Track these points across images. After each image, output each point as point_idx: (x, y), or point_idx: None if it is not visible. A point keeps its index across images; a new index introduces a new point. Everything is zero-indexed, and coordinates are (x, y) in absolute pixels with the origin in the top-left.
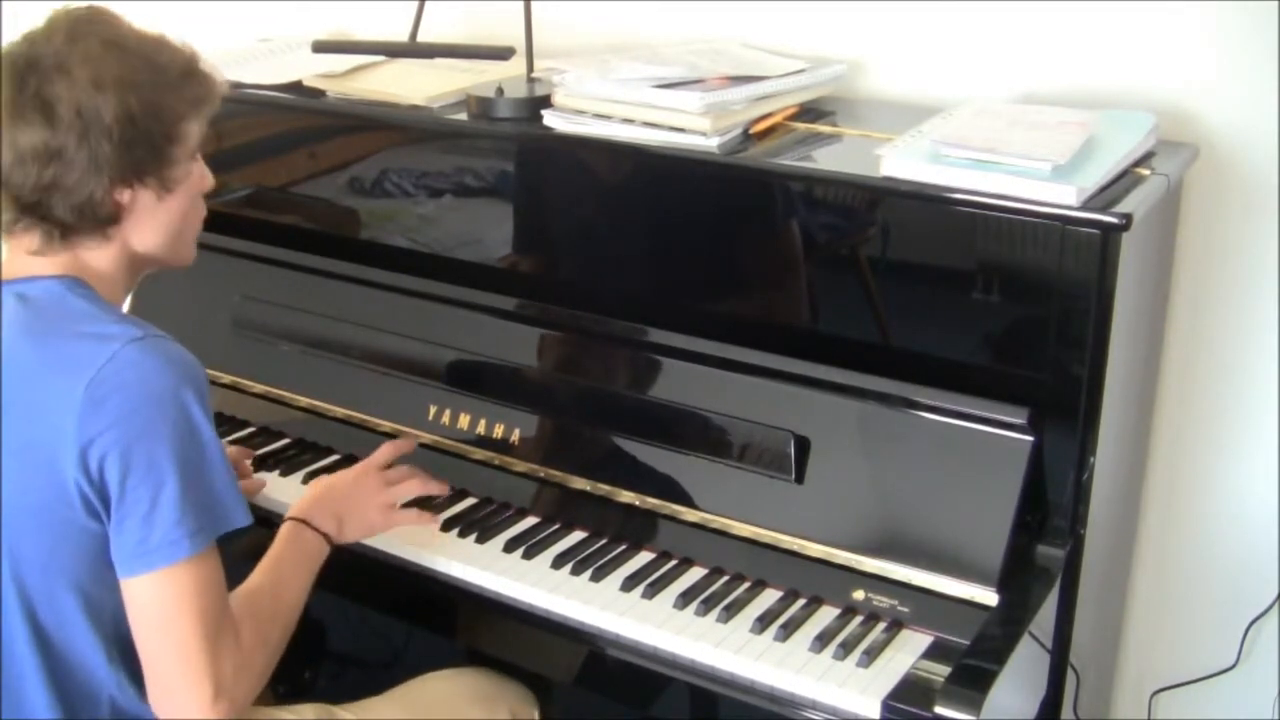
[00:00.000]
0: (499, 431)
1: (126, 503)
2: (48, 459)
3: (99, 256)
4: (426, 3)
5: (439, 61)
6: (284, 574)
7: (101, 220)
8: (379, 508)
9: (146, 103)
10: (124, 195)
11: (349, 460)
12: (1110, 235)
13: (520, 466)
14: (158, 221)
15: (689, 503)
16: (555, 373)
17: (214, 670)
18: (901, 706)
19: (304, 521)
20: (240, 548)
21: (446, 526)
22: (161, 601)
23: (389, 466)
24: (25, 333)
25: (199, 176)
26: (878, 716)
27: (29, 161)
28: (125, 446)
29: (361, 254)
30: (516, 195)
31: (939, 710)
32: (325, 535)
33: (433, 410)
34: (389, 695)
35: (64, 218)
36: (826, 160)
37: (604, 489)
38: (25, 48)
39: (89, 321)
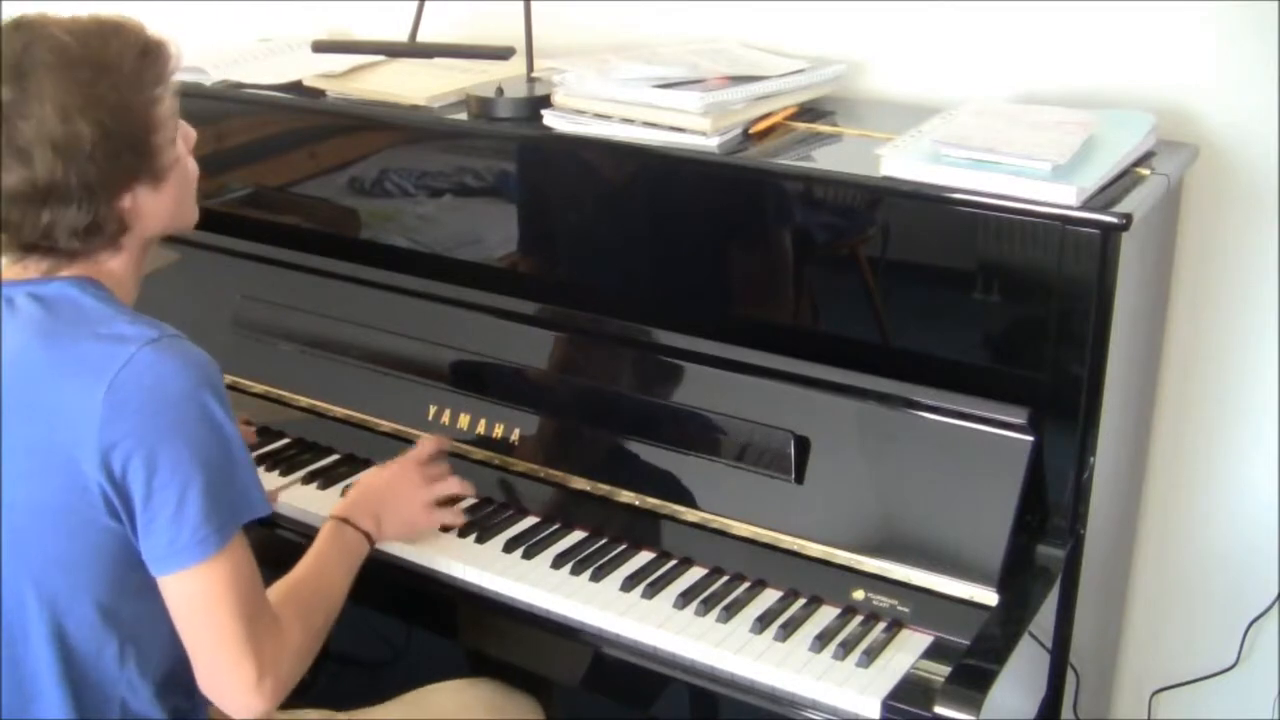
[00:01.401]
0: (499, 431)
1: (154, 504)
2: (67, 461)
3: (111, 260)
4: (426, 3)
5: (439, 61)
6: (326, 567)
7: (109, 235)
8: (420, 506)
9: (116, 111)
10: (125, 202)
11: (349, 460)
12: (1110, 235)
13: (520, 466)
14: (160, 207)
15: (689, 503)
16: (555, 373)
17: (255, 652)
18: (901, 706)
19: (345, 520)
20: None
21: (446, 526)
22: (198, 595)
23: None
24: (40, 334)
25: (182, 139)
26: (878, 716)
27: (19, 202)
28: (149, 449)
29: (361, 254)
30: (516, 195)
31: (939, 710)
32: (366, 534)
33: (433, 410)
34: (394, 703)
35: (70, 245)
36: (826, 160)
37: (604, 489)
38: None
39: (104, 323)
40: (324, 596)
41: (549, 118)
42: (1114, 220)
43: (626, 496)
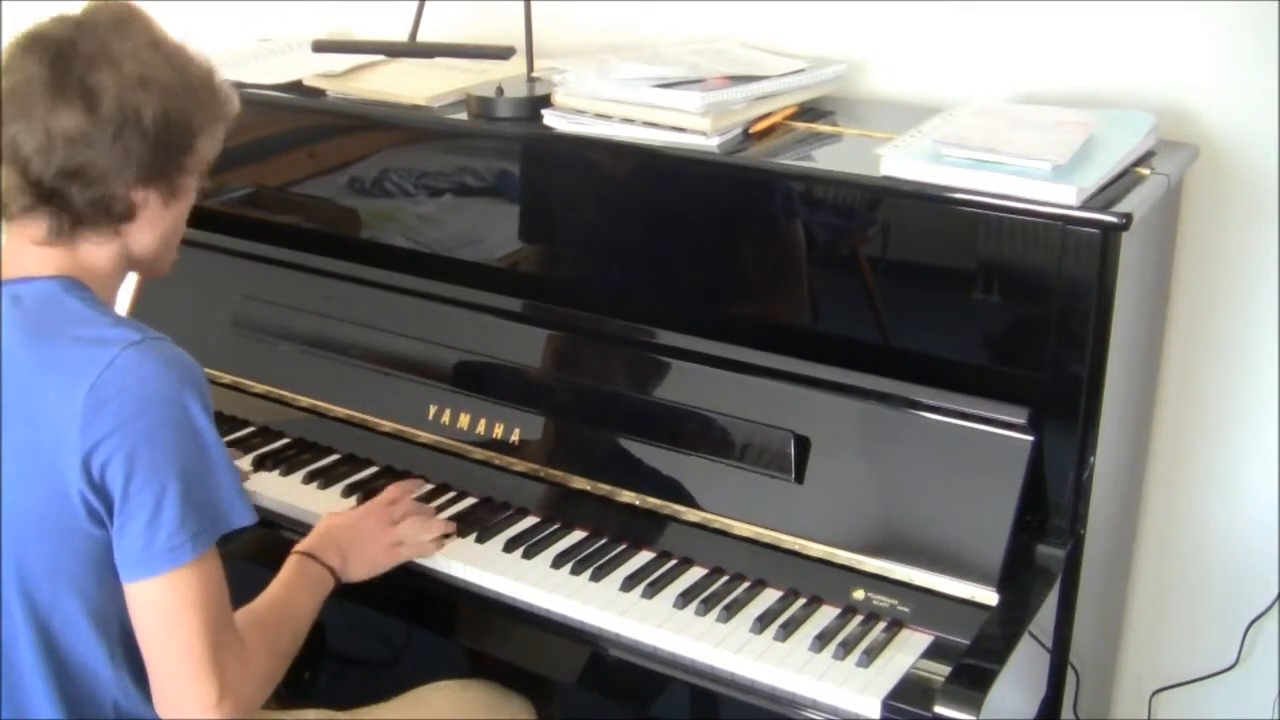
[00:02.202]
0: (499, 431)
1: (129, 508)
2: (49, 465)
3: (99, 255)
4: (426, 3)
5: (439, 61)
6: (291, 597)
7: (115, 216)
8: (383, 547)
9: (180, 109)
10: (139, 195)
11: (349, 460)
12: (1110, 235)
13: (520, 466)
14: (158, 227)
15: (689, 503)
16: (555, 372)
17: (218, 670)
18: (901, 706)
19: (310, 555)
20: (240, 549)
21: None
22: (165, 605)
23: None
24: (22, 336)
25: (190, 200)
26: (878, 716)
27: (60, 145)
28: (128, 452)
29: (361, 254)
30: (517, 195)
31: (939, 710)
32: (331, 569)
33: (433, 410)
34: (391, 704)
35: (80, 208)
36: (826, 160)
37: (604, 489)
38: (65, 30)
39: (85, 325)
40: (289, 625)
41: (549, 118)
42: (1114, 220)
43: (627, 496)
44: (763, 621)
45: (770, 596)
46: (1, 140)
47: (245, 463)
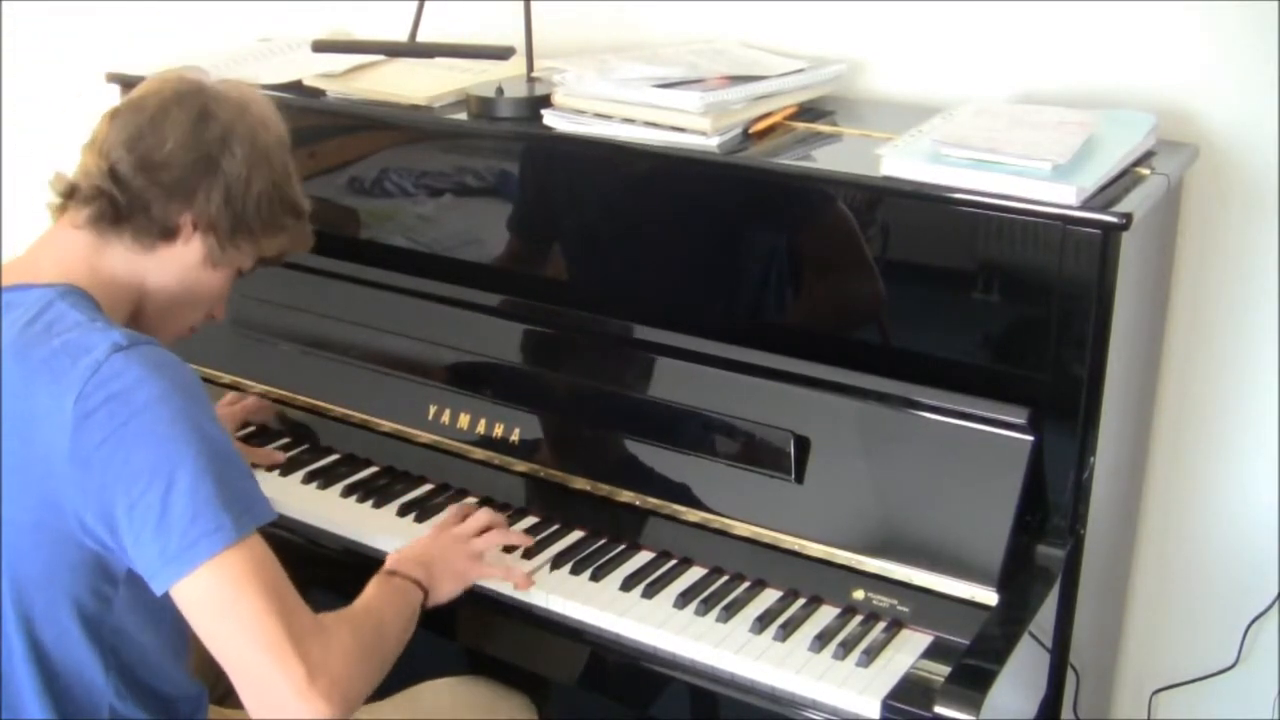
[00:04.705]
0: (499, 431)
1: (136, 516)
2: (41, 476)
3: (120, 266)
4: (426, 3)
5: (439, 61)
6: (370, 597)
7: (158, 228)
8: (465, 557)
9: (272, 199)
10: (186, 223)
11: (349, 460)
12: (1110, 235)
13: (520, 466)
14: (184, 275)
15: (689, 503)
16: (555, 372)
17: (298, 648)
18: (901, 706)
19: (391, 572)
20: None
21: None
22: (206, 601)
23: None
24: (12, 346)
25: (222, 286)
26: (878, 716)
27: (181, 179)
28: (123, 460)
29: (361, 254)
30: (516, 195)
31: (939, 710)
32: (415, 581)
33: (433, 410)
34: (388, 701)
35: (141, 194)
36: (826, 160)
37: (604, 489)
38: (209, 101)
39: (72, 330)
40: (370, 619)
41: (549, 118)
42: (1114, 220)
43: (626, 496)
44: (762, 621)
45: (770, 596)
46: (106, 134)
47: (278, 453)
